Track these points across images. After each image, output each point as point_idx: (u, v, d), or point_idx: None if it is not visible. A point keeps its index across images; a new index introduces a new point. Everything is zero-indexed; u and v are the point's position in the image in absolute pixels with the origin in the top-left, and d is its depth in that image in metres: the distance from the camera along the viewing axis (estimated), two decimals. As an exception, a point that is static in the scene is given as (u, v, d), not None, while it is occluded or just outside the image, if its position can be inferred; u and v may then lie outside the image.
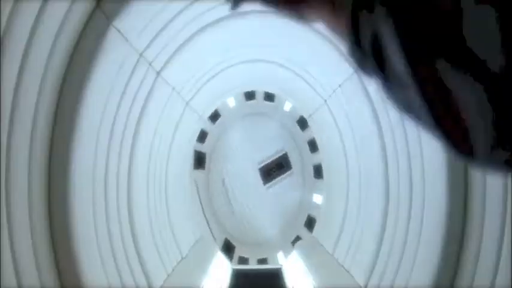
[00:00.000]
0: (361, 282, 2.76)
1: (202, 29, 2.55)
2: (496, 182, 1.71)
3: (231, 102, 5.60)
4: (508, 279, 1.60)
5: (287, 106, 5.29)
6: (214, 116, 5.45)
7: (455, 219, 1.95)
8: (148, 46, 2.28)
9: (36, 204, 1.71)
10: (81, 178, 1.92)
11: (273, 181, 5.44)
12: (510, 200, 1.63)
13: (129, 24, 2.01)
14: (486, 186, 1.79)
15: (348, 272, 3.07)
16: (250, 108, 5.30)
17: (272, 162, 5.74)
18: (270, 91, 4.43)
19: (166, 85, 2.75)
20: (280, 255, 5.01)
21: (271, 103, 5.37)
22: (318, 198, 5.05)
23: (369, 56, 0.35)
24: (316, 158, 4.94)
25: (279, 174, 5.47)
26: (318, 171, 5.16)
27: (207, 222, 5.04)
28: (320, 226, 4.32)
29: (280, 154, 5.78)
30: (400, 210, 2.41)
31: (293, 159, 5.58)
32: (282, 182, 5.41)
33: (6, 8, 1.40)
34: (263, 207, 5.44)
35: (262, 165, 5.72)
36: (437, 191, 2.02)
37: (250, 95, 5.44)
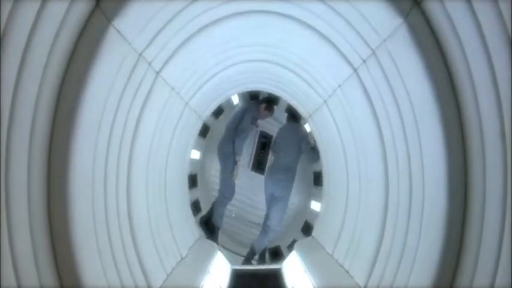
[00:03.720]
0: (361, 283, 2.76)
1: (202, 29, 2.55)
2: (496, 181, 1.71)
3: (235, 99, 5.66)
4: (508, 279, 1.61)
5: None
6: (218, 112, 5.47)
7: (454, 219, 1.95)
8: (147, 46, 2.28)
9: (36, 204, 1.71)
10: (80, 178, 1.92)
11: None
12: (510, 199, 1.63)
13: (129, 24, 2.01)
14: (486, 186, 1.79)
15: (347, 272, 3.07)
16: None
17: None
18: (269, 91, 4.42)
19: (165, 85, 2.76)
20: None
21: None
22: (316, 206, 5.00)
23: None
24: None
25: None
26: (317, 177, 5.15)
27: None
28: (319, 227, 4.32)
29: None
30: (400, 210, 2.41)
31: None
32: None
33: (6, 8, 1.40)
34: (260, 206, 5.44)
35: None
36: (437, 191, 2.02)
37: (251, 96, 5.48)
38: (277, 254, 5.42)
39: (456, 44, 1.82)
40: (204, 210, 5.41)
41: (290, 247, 5.06)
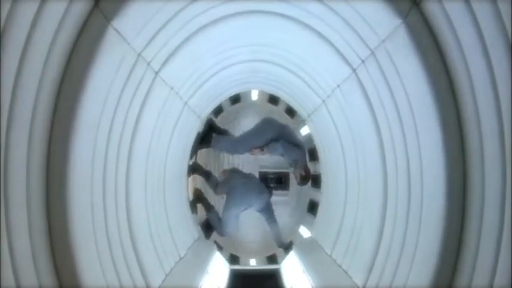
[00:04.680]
0: (360, 283, 2.77)
1: (201, 29, 2.55)
2: (495, 181, 1.72)
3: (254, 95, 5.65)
4: (507, 278, 1.61)
5: (254, 95, 5.38)
6: (218, 111, 5.43)
7: (453, 219, 1.96)
8: (146, 46, 2.28)
9: (35, 204, 1.71)
10: (79, 179, 1.91)
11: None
12: (509, 199, 1.64)
13: (128, 24, 2.01)
14: (485, 186, 1.80)
15: (346, 272, 3.07)
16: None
17: (273, 173, 5.60)
18: (268, 91, 4.42)
19: (164, 85, 2.75)
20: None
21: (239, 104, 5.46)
22: (306, 233, 4.85)
23: None
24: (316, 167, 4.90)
25: (275, 189, 5.27)
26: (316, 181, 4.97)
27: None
28: (318, 227, 4.32)
29: (283, 170, 5.72)
30: (398, 210, 2.42)
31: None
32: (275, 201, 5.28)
33: (4, 9, 1.40)
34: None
35: (263, 170, 5.64)
36: (435, 191, 2.03)
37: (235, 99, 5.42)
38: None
39: (455, 44, 1.83)
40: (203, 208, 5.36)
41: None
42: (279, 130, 4.40)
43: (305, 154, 4.47)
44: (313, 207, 4.97)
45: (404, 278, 2.23)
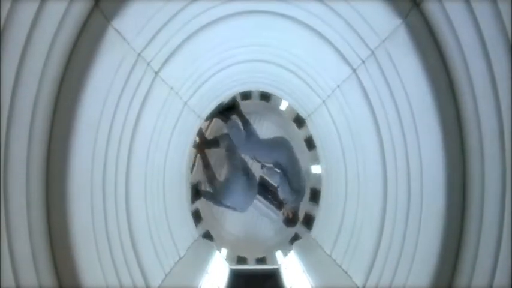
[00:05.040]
0: (359, 283, 2.77)
1: (201, 29, 2.55)
2: (495, 181, 1.72)
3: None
4: (507, 279, 1.61)
5: (283, 106, 5.05)
6: (246, 96, 5.27)
7: (453, 218, 1.96)
8: (146, 46, 2.28)
9: (35, 205, 1.71)
10: (79, 179, 1.91)
11: (263, 202, 5.14)
12: (509, 199, 1.64)
13: (128, 24, 2.01)
14: (485, 186, 1.80)
15: (345, 272, 3.07)
16: (247, 108, 5.20)
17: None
18: (268, 91, 4.42)
19: (164, 85, 2.75)
20: (278, 254, 5.00)
21: (266, 103, 5.21)
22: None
23: None
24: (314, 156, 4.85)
25: (269, 201, 5.11)
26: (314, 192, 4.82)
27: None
28: (318, 227, 4.32)
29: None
30: (398, 210, 2.42)
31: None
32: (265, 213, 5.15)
33: (4, 8, 1.40)
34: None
35: (265, 178, 5.19)
36: (435, 191, 2.03)
37: (246, 96, 5.31)
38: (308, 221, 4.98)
39: (455, 44, 1.83)
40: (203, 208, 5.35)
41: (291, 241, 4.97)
42: (289, 162, 4.14)
43: (300, 199, 4.20)
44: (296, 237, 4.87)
45: (404, 278, 2.24)
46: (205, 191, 4.74)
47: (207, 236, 4.88)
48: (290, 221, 4.27)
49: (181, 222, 3.81)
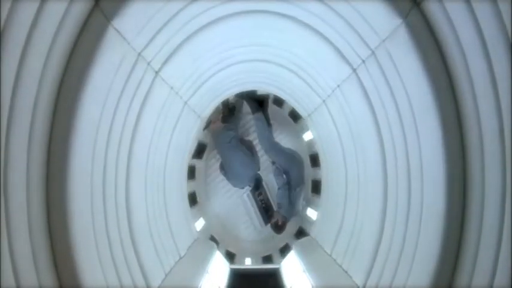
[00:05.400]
0: (359, 282, 2.77)
1: (201, 29, 2.55)
2: (495, 180, 1.72)
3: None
4: (507, 279, 1.61)
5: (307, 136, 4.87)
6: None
7: (453, 218, 1.96)
8: (147, 46, 2.28)
9: (35, 204, 1.71)
10: (79, 178, 1.91)
11: (252, 202, 5.13)
12: (509, 199, 1.64)
13: (128, 23, 2.01)
14: (485, 186, 1.80)
15: (346, 272, 3.07)
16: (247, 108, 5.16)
17: (266, 198, 5.12)
18: (268, 91, 4.42)
19: (164, 84, 2.75)
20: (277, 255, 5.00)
21: (294, 122, 5.05)
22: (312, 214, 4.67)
23: None
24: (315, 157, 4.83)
25: (259, 208, 5.10)
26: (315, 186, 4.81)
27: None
28: (318, 227, 4.32)
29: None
30: (398, 210, 2.42)
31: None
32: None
33: (5, 8, 1.40)
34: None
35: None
36: (435, 191, 2.03)
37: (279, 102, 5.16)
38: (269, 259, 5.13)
39: (455, 44, 1.83)
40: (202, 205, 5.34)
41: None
42: (297, 179, 4.44)
43: (292, 211, 4.49)
44: (317, 187, 4.79)
45: (404, 278, 2.24)
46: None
47: (193, 199, 4.82)
48: (277, 227, 4.47)
49: (182, 222, 3.81)
